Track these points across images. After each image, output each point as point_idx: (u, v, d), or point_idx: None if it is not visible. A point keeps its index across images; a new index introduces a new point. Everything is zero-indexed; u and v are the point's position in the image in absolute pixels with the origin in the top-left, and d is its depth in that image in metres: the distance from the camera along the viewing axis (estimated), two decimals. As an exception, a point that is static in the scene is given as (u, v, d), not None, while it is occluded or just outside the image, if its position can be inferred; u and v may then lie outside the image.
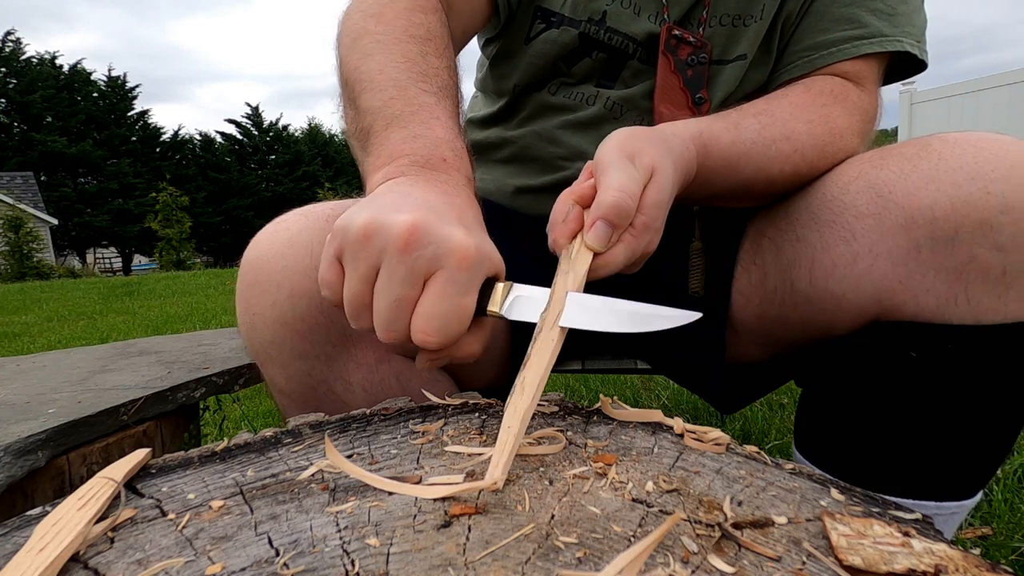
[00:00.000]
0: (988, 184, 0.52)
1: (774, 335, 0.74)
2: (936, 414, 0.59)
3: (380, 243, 0.44)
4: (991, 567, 0.30)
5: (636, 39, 0.75)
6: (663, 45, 0.74)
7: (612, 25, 0.75)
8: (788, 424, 1.63)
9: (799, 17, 0.75)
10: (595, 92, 0.79)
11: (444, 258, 0.44)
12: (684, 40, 0.74)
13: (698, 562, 0.30)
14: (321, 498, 0.37)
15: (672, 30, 0.74)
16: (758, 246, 0.73)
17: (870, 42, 0.71)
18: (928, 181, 0.55)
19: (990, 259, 0.53)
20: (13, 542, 0.35)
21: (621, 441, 0.44)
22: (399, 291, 0.44)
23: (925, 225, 0.55)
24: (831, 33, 0.72)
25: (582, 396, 2.06)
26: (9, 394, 0.88)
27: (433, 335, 0.44)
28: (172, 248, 23.43)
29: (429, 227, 0.44)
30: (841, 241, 0.61)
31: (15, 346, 4.03)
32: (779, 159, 0.65)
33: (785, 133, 0.66)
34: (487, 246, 0.47)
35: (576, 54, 0.77)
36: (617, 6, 0.75)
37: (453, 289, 0.44)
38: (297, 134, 37.04)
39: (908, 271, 0.57)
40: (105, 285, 9.60)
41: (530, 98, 0.83)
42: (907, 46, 0.71)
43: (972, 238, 0.53)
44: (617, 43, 0.75)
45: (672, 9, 0.74)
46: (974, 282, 0.54)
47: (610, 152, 0.54)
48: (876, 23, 0.71)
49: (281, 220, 0.65)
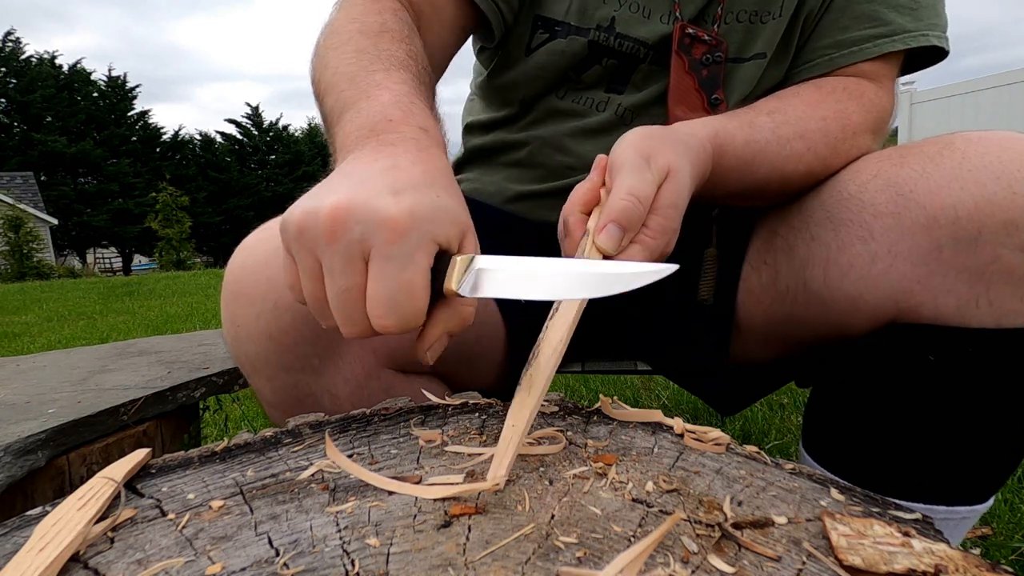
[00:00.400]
0: (1014, 184, 0.51)
1: (783, 335, 0.73)
2: (951, 418, 0.58)
3: (312, 235, 0.41)
4: (991, 567, 0.30)
5: (647, 43, 0.73)
6: (676, 44, 0.72)
7: (621, 31, 0.73)
8: (788, 424, 1.63)
9: (820, 13, 0.73)
10: (606, 98, 0.77)
11: (373, 235, 0.40)
12: (698, 39, 0.72)
13: (698, 562, 0.30)
14: (321, 498, 0.37)
15: (686, 28, 0.71)
16: (770, 245, 0.72)
17: (892, 40, 0.70)
18: (951, 180, 0.54)
19: (1014, 260, 0.52)
20: (13, 542, 0.35)
21: (621, 441, 0.44)
22: (341, 282, 0.41)
23: (947, 225, 0.54)
24: (852, 31, 0.71)
25: (582, 396, 2.06)
26: (9, 394, 0.88)
27: (387, 319, 0.41)
28: (172, 248, 23.44)
29: (352, 206, 0.40)
30: (858, 240, 0.60)
31: (15, 346, 4.03)
32: (793, 158, 0.65)
33: (799, 132, 0.65)
34: (428, 208, 0.41)
35: (585, 62, 0.76)
36: (625, 11, 0.73)
37: (390, 266, 0.40)
38: (297, 134, 37.04)
39: (928, 272, 0.56)
40: (105, 285, 9.61)
41: (538, 103, 0.81)
42: (932, 40, 0.70)
43: (996, 238, 0.52)
44: (627, 48, 0.74)
45: (685, 7, 0.72)
46: (997, 283, 0.53)
47: (625, 152, 0.53)
48: (899, 19, 0.70)
49: (266, 227, 0.62)
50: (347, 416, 0.49)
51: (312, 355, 0.60)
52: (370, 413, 0.49)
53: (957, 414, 0.58)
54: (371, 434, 0.46)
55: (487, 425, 0.47)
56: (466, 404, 0.51)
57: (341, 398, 0.63)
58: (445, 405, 0.51)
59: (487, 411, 0.49)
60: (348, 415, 0.49)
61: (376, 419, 0.48)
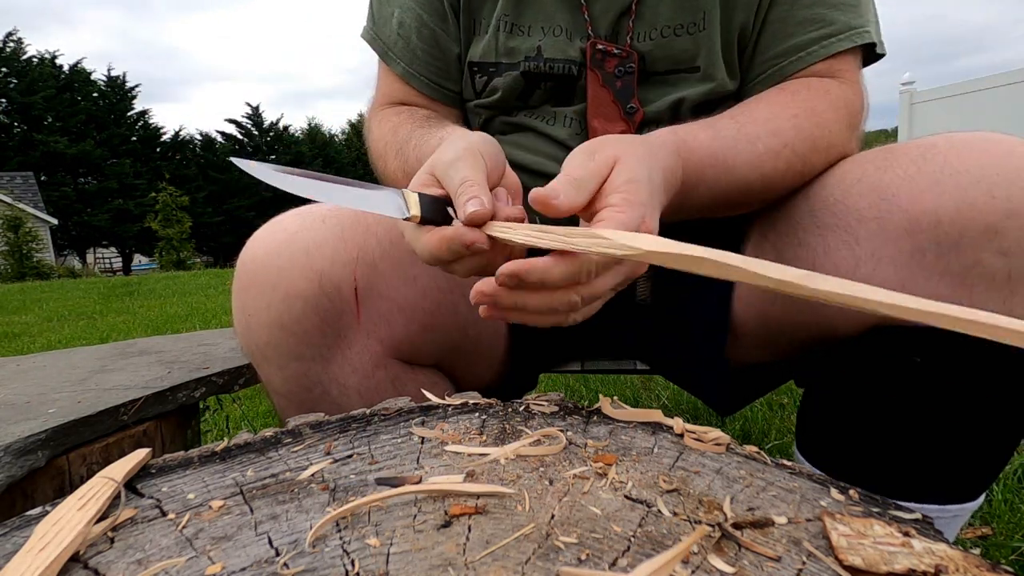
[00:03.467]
0: (993, 188, 0.52)
1: (776, 338, 0.74)
2: (940, 417, 0.59)
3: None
4: (991, 567, 0.30)
5: (576, 61, 0.76)
6: (589, 61, 0.74)
7: (549, 56, 0.76)
8: (788, 424, 1.63)
9: (757, 30, 0.73)
10: (553, 112, 0.79)
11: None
12: (608, 53, 0.74)
13: (698, 562, 0.30)
14: (321, 498, 0.37)
15: (596, 44, 0.74)
16: (760, 250, 0.73)
17: (839, 38, 0.70)
18: (932, 184, 0.55)
19: (995, 264, 0.52)
20: (13, 542, 0.35)
21: (621, 441, 0.44)
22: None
23: (929, 229, 0.54)
24: (798, 37, 0.71)
25: (582, 396, 2.06)
26: (9, 394, 0.88)
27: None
28: (172, 248, 23.43)
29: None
30: (843, 245, 0.61)
31: (15, 346, 4.03)
32: (769, 155, 0.65)
33: (769, 130, 0.65)
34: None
35: (527, 90, 0.79)
36: (550, 38, 0.76)
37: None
38: (298, 134, 37.05)
39: (912, 276, 0.56)
40: (105, 285, 9.60)
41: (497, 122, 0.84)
42: (873, 37, 0.70)
43: (977, 243, 0.52)
44: (559, 69, 0.76)
45: (598, 25, 0.74)
46: (979, 287, 0.53)
47: (571, 155, 0.54)
48: (843, 17, 0.70)
49: (278, 220, 0.64)
50: (347, 416, 0.49)
51: (321, 344, 0.61)
52: (370, 413, 0.49)
53: (944, 414, 0.59)
54: (371, 434, 0.46)
55: (487, 425, 0.47)
56: (466, 404, 0.51)
57: (349, 387, 0.64)
58: (445, 405, 0.51)
59: (487, 411, 0.49)
60: (348, 415, 0.49)
61: (376, 419, 0.48)
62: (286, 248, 0.60)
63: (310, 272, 0.60)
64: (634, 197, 0.49)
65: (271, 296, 0.60)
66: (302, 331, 0.60)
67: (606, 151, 0.52)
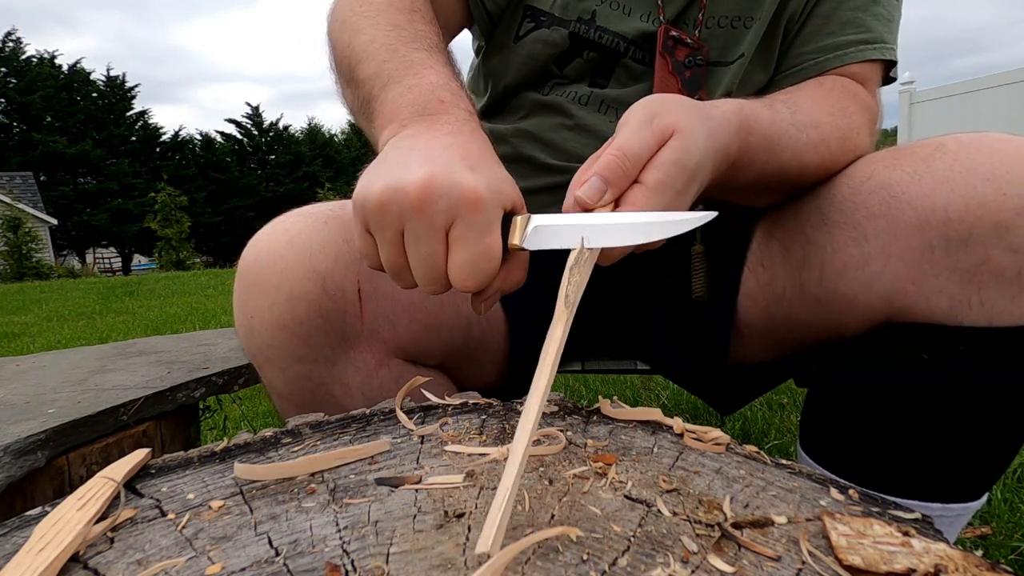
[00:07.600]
0: (1004, 185, 0.52)
1: (781, 336, 0.73)
2: (945, 415, 0.59)
3: (397, 209, 0.46)
4: (991, 567, 0.30)
5: (627, 37, 0.75)
6: (660, 46, 0.74)
7: (602, 24, 0.75)
8: (788, 424, 1.63)
9: (802, 18, 0.75)
10: (588, 92, 0.78)
11: (457, 207, 0.45)
12: (681, 41, 0.74)
13: (698, 562, 0.30)
14: (321, 498, 0.37)
15: (669, 31, 0.73)
16: (767, 248, 0.73)
17: (875, 47, 0.72)
18: (942, 182, 0.55)
19: (1004, 261, 0.52)
20: (13, 542, 0.35)
21: (621, 441, 0.44)
22: (426, 249, 0.46)
23: (938, 226, 0.54)
24: (839, 36, 0.73)
25: (582, 396, 2.06)
26: (9, 394, 0.88)
27: (470, 280, 0.46)
28: (172, 248, 23.41)
29: (437, 181, 0.45)
30: (852, 242, 0.61)
31: (15, 346, 4.03)
32: (810, 147, 0.65)
33: (812, 121, 0.65)
34: (496, 181, 0.47)
35: (567, 54, 0.78)
36: (607, 7, 0.75)
37: (473, 234, 0.45)
38: (297, 135, 37.02)
39: (921, 272, 0.56)
40: (104, 285, 9.60)
41: (524, 97, 0.83)
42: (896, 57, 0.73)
43: (986, 239, 0.52)
44: (608, 42, 0.75)
45: (667, 9, 0.74)
46: (988, 284, 0.53)
47: (631, 111, 0.52)
48: (880, 29, 0.72)
49: (280, 221, 0.64)
50: (347, 416, 0.49)
51: (324, 345, 0.61)
52: (370, 413, 0.49)
53: (951, 412, 0.59)
54: (371, 434, 0.46)
55: (487, 425, 0.47)
56: (466, 404, 0.51)
57: (352, 387, 0.64)
58: (445, 405, 0.51)
59: (487, 411, 0.49)
60: (348, 415, 0.49)
61: (376, 419, 0.48)
62: (288, 249, 0.60)
63: (313, 273, 0.60)
64: (670, 182, 0.49)
65: (274, 297, 0.59)
66: (305, 332, 0.60)
67: (666, 119, 0.51)
